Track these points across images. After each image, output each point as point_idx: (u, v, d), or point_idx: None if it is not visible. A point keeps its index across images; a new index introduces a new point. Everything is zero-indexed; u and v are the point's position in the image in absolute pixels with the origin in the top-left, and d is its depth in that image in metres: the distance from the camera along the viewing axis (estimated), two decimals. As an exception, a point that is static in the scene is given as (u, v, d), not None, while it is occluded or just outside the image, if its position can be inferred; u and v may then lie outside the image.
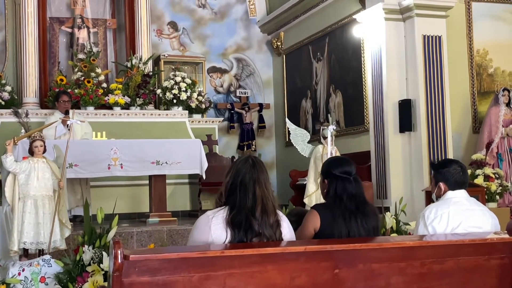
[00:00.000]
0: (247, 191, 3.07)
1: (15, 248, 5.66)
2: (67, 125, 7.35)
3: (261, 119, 11.95)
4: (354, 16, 9.01)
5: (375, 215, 3.56)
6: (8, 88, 9.35)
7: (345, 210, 3.44)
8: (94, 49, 9.90)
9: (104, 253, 4.85)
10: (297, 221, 3.62)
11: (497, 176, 7.96)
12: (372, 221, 3.49)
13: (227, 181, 3.13)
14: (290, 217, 3.53)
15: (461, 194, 3.66)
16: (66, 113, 7.75)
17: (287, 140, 10.86)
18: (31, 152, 5.85)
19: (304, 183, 8.53)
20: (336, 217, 3.43)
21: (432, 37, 8.24)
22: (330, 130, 7.73)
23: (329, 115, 8.84)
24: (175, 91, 9.84)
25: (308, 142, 8.36)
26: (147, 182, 7.83)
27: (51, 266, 5.01)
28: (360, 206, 3.48)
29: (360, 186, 3.55)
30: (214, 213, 3.07)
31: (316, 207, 3.57)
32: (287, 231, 3.15)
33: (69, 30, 10.28)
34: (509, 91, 8.65)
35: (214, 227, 3.01)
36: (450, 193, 3.66)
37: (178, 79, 9.96)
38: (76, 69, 9.58)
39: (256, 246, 2.93)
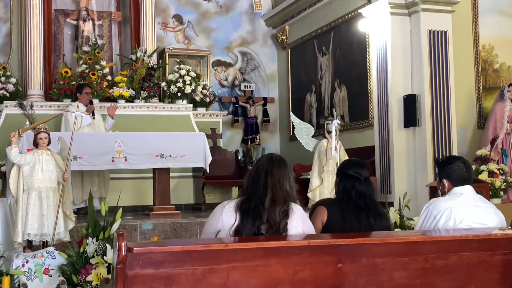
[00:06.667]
0: (258, 182, 3.23)
1: (19, 239, 5.68)
2: (93, 115, 7.91)
3: (265, 113, 11.94)
4: (359, 11, 8.99)
5: (386, 218, 3.69)
6: (13, 80, 9.37)
7: (356, 207, 3.56)
8: (99, 42, 9.90)
9: (107, 245, 4.87)
10: None
11: (501, 172, 7.94)
12: (385, 221, 3.61)
13: (248, 174, 3.34)
14: None
15: (467, 190, 3.66)
16: (90, 103, 8.20)
17: (291, 134, 10.87)
18: (36, 144, 5.87)
19: (308, 177, 8.53)
20: (345, 212, 3.54)
21: (437, 32, 8.21)
22: (334, 124, 7.72)
23: (333, 110, 8.84)
24: (180, 84, 9.83)
25: (313, 137, 8.36)
26: (151, 175, 7.84)
27: (54, 258, 5.03)
28: (372, 205, 3.60)
29: (371, 188, 3.67)
30: (228, 202, 3.26)
31: (323, 202, 3.75)
32: (298, 224, 3.21)
33: (74, 22, 10.28)
34: (514, 87, 8.61)
35: (225, 214, 3.18)
36: (456, 189, 3.66)
37: (183, 72, 9.95)
38: (81, 62, 9.58)
39: (260, 240, 2.93)
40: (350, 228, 3.47)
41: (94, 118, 7.98)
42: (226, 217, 3.16)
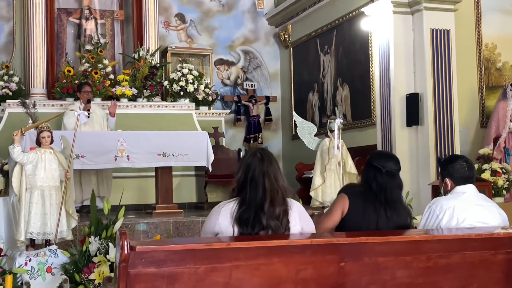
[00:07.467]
0: (257, 186, 3.13)
1: (22, 238, 5.69)
2: (89, 114, 7.72)
3: (267, 112, 11.94)
4: (362, 9, 8.97)
5: (406, 214, 3.61)
6: (16, 78, 9.39)
7: (375, 200, 3.50)
8: (102, 41, 9.91)
9: (110, 244, 4.88)
10: None
11: (504, 171, 7.92)
12: (402, 218, 3.53)
13: (239, 177, 3.21)
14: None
15: (469, 189, 3.66)
16: (88, 102, 8.06)
17: (294, 133, 10.85)
18: (38, 143, 5.87)
19: (311, 176, 8.53)
20: (366, 205, 3.49)
21: (440, 30, 8.20)
22: (337, 123, 7.71)
23: (336, 109, 8.82)
24: (182, 83, 9.84)
25: (315, 135, 8.35)
26: (154, 173, 7.85)
27: (57, 257, 5.04)
28: (391, 201, 3.52)
29: (393, 183, 3.58)
30: (224, 204, 3.18)
31: (346, 191, 3.64)
32: (296, 221, 3.17)
33: (77, 21, 10.29)
34: (517, 86, 8.60)
35: (221, 217, 3.11)
36: (458, 188, 3.66)
37: (185, 71, 9.96)
38: (83, 61, 9.59)
39: (262, 239, 2.93)
40: (368, 223, 3.44)
41: (88, 117, 7.81)
42: (223, 221, 3.10)
